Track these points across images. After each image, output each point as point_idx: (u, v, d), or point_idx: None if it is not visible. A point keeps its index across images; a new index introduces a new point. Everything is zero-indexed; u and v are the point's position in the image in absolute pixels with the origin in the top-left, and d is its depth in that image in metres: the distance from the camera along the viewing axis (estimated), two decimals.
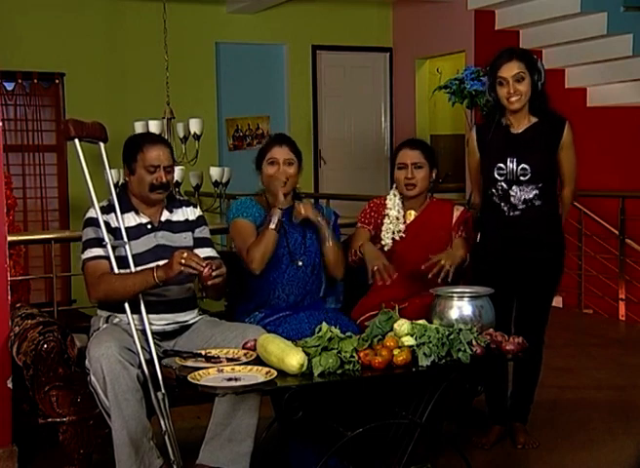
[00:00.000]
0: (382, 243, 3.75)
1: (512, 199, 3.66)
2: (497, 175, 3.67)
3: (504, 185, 3.66)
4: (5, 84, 7.79)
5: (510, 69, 3.58)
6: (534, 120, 3.67)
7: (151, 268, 3.19)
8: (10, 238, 3.86)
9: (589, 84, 7.82)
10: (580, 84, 7.84)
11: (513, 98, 3.60)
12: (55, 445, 3.27)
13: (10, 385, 3.43)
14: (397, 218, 3.77)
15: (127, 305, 3.22)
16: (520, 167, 3.63)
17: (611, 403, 4.56)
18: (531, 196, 3.65)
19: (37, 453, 3.62)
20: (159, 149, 3.39)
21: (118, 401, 3.01)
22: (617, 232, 7.03)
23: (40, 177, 8.01)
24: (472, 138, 3.83)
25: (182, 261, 3.08)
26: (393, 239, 3.76)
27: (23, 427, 3.46)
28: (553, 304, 3.85)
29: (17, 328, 3.40)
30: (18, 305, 3.73)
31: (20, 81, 7.81)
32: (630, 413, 4.38)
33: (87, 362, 3.10)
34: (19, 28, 7.73)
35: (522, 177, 3.63)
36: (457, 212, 3.81)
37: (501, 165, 3.66)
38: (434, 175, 3.81)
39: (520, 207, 3.66)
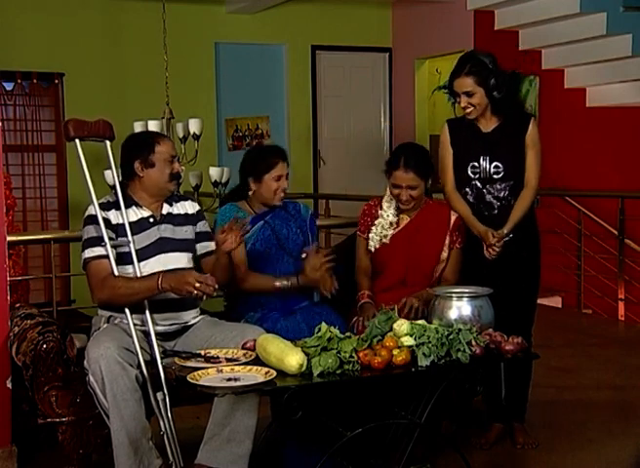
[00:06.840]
0: (369, 243, 3.78)
1: (487, 197, 3.69)
2: (470, 174, 3.71)
3: (478, 184, 3.70)
4: (4, 84, 7.80)
5: (460, 86, 3.65)
6: (501, 119, 3.70)
7: (156, 276, 3.17)
8: (9, 238, 3.86)
9: (589, 84, 7.80)
10: (580, 84, 7.82)
11: (467, 110, 3.67)
12: (54, 445, 3.27)
13: (9, 385, 3.43)
14: (390, 224, 3.78)
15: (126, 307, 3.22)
16: (493, 165, 3.67)
17: (611, 403, 4.56)
18: (505, 194, 3.67)
19: (37, 454, 3.61)
20: (169, 142, 3.50)
21: (117, 401, 3.01)
22: (616, 232, 7.02)
23: (39, 178, 8.01)
24: (445, 133, 3.80)
25: (197, 285, 3.06)
26: (381, 242, 3.77)
27: (23, 427, 3.45)
28: (552, 304, 3.86)
29: (16, 328, 3.40)
30: (17, 305, 3.73)
31: (19, 81, 7.81)
32: (630, 413, 4.38)
33: (85, 362, 3.09)
34: (18, 28, 7.73)
35: (495, 176, 3.67)
36: (454, 215, 3.79)
37: (475, 163, 3.70)
38: (429, 182, 3.79)
39: (496, 205, 3.69)
